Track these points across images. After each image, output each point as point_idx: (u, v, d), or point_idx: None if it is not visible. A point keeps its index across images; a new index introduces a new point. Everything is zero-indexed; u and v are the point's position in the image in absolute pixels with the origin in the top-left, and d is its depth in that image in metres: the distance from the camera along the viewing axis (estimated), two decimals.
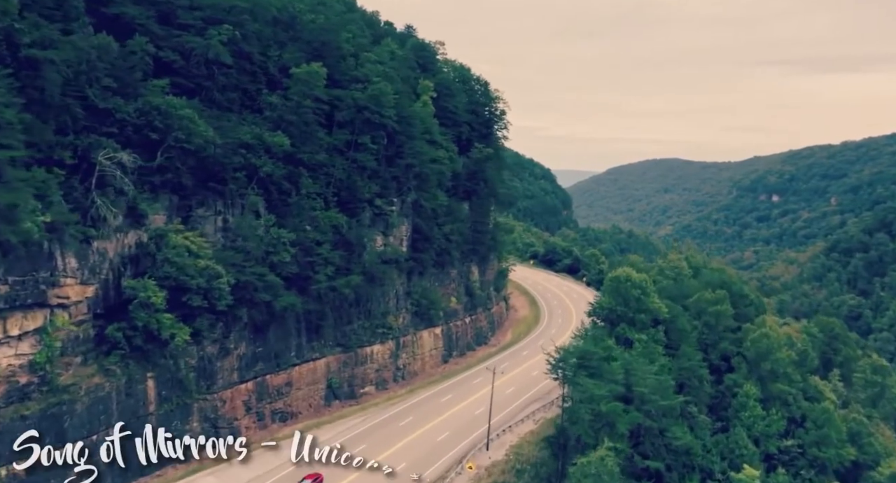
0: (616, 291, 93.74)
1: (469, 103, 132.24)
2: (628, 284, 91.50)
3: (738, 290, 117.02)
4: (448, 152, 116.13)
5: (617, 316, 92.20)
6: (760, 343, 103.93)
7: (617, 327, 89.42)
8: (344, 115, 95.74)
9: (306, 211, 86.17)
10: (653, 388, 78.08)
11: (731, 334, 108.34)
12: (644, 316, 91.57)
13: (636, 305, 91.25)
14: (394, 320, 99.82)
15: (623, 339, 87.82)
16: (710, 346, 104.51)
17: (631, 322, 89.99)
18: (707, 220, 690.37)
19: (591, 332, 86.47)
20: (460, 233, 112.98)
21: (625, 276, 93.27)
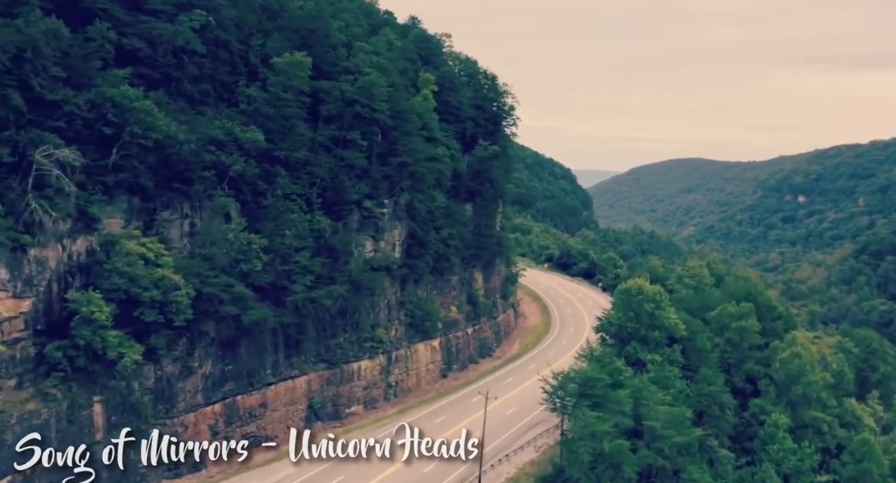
0: (626, 305, 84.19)
1: (475, 98, 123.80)
2: (640, 298, 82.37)
3: (764, 301, 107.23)
4: (449, 150, 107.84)
5: (627, 333, 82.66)
6: (791, 364, 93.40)
7: (627, 346, 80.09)
8: (330, 108, 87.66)
9: (283, 214, 78.06)
10: (666, 420, 68.59)
11: (757, 352, 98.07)
12: (658, 333, 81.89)
13: (649, 321, 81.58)
14: (384, 333, 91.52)
15: (634, 360, 78.54)
16: (734, 366, 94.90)
17: (643, 340, 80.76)
18: (731, 220, 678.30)
19: (597, 353, 77.09)
20: (461, 237, 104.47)
21: (636, 289, 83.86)
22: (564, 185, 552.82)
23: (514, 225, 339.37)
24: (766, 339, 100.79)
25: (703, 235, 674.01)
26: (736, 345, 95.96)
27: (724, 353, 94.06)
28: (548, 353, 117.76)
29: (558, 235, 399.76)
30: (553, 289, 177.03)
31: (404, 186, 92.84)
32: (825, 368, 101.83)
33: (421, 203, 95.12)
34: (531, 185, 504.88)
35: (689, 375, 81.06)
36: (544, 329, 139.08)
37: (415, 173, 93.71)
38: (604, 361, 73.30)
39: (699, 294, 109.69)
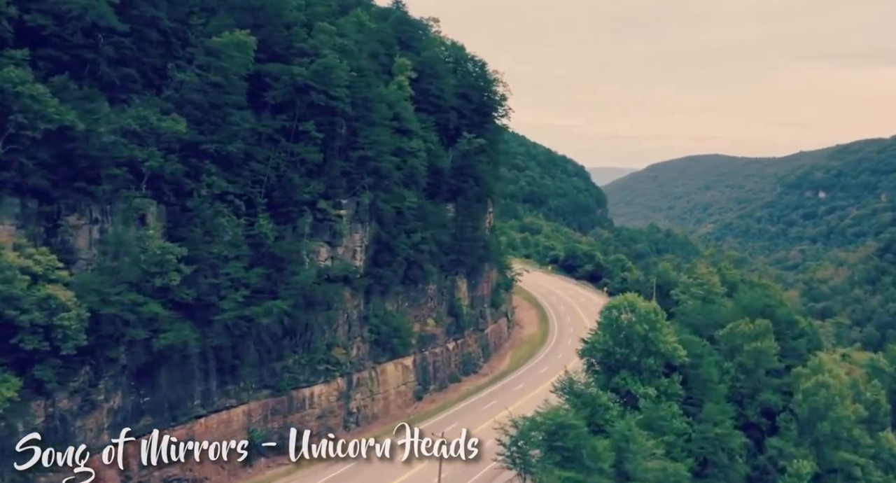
0: (614, 327, 70.33)
1: (460, 86, 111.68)
2: (631, 318, 69.04)
3: (784, 315, 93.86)
4: (426, 143, 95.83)
5: (616, 360, 68.79)
6: (816, 396, 78.84)
7: (616, 376, 67.53)
8: (276, 95, 76.04)
9: (212, 218, 66.37)
10: (658, 479, 55.77)
11: (775, 379, 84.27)
12: (653, 360, 67.65)
13: (642, 346, 67.40)
14: (343, 353, 79.73)
15: (624, 393, 65.88)
16: (747, 397, 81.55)
17: (635, 368, 67.20)
18: (750, 217, 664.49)
19: (578, 387, 63.90)
20: (438, 241, 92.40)
21: (626, 306, 71.61)
22: (578, 182, 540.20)
23: (524, 224, 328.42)
24: (787, 362, 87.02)
25: (721, 233, 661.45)
26: (750, 371, 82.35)
27: (735, 381, 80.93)
28: (540, 370, 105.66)
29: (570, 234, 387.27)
30: (555, 294, 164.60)
31: (366, 184, 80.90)
32: (857, 398, 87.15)
33: (387, 203, 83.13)
34: (543, 182, 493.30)
35: (692, 411, 67.94)
36: (541, 340, 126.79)
37: (378, 169, 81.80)
38: (585, 397, 60.68)
39: (707, 307, 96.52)
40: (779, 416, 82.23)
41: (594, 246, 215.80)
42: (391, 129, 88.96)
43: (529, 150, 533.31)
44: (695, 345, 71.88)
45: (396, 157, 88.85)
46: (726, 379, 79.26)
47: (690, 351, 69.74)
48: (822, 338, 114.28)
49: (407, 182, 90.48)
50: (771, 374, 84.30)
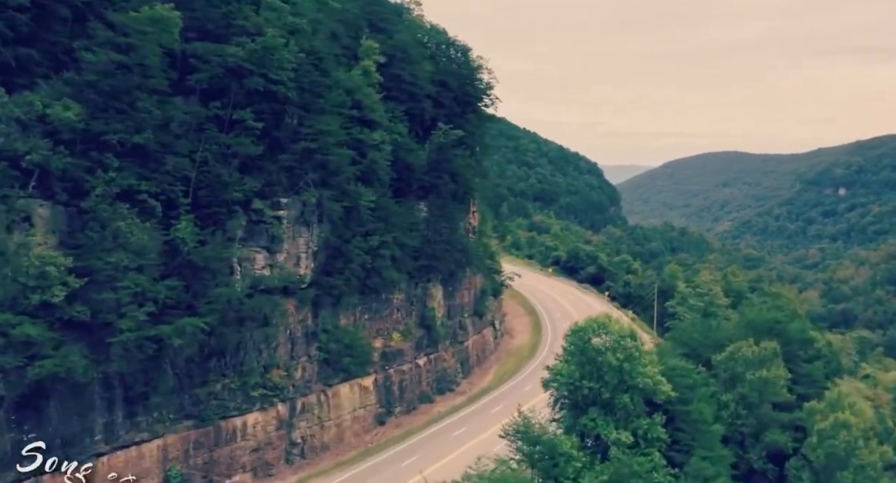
0: (583, 357, 55.39)
1: (437, 73, 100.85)
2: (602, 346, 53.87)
3: (797, 332, 79.89)
4: (392, 134, 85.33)
5: (583, 397, 54.92)
6: (835, 439, 64.22)
7: (584, 416, 55.74)
8: (202, 78, 65.77)
9: (111, 220, 56.12)
10: None
11: (784, 415, 70.07)
12: (630, 398, 53.60)
13: (616, 380, 53.92)
14: (283, 375, 69.29)
15: (594, 438, 54.10)
16: (750, 436, 68.23)
17: (608, 407, 53.73)
18: (768, 215, 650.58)
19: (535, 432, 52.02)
20: (401, 244, 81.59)
21: (594, 328, 56.77)
22: (590, 180, 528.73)
23: (532, 223, 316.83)
24: (800, 390, 73.26)
25: (738, 231, 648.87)
26: (753, 405, 68.27)
27: (734, 417, 67.75)
28: (524, 387, 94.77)
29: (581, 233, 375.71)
30: (552, 299, 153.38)
31: (310, 181, 70.32)
32: (885, 437, 72.24)
33: (337, 202, 72.55)
34: (554, 180, 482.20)
35: (679, 460, 55.64)
36: (530, 351, 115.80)
37: (325, 163, 71.30)
38: (543, 445, 49.21)
39: (706, 323, 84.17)
40: (789, 461, 68.30)
41: (598, 247, 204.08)
42: (349, 118, 78.53)
43: (541, 146, 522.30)
44: (685, 374, 59.09)
45: (354, 149, 78.66)
46: (724, 415, 66.37)
47: (679, 382, 56.34)
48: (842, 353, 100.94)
49: (367, 178, 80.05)
50: (779, 408, 70.32)
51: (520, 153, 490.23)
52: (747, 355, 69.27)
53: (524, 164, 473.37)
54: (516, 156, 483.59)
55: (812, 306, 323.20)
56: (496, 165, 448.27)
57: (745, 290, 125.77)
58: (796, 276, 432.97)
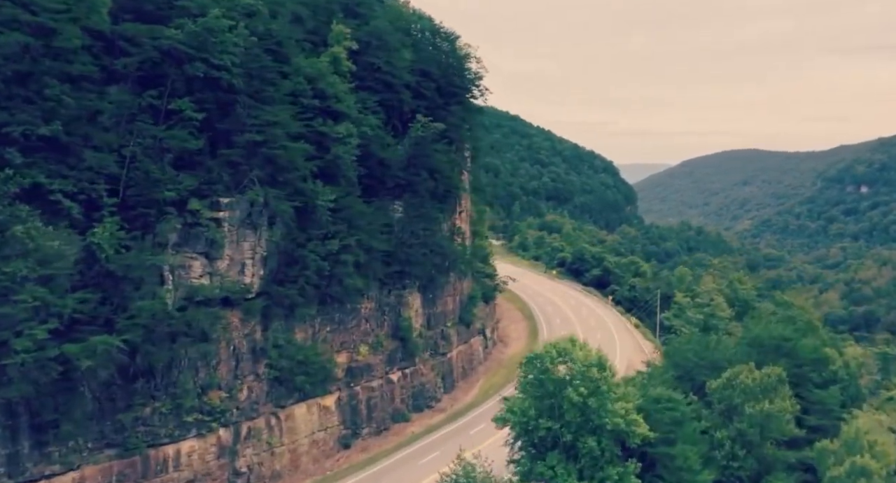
0: (540, 390, 46.23)
1: (418, 61, 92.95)
2: (563, 378, 44.90)
3: (809, 351, 69.25)
4: (361, 127, 77.50)
5: (541, 439, 45.40)
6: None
7: (543, 460, 45.34)
8: (129, 63, 58.28)
9: (8, 224, 48.70)
10: None
11: (791, 453, 59.60)
12: (596, 442, 44.13)
13: (580, 419, 44.08)
14: (224, 397, 61.55)
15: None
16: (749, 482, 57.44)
17: (570, 451, 44.18)
18: (789, 213, 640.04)
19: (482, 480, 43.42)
20: (366, 248, 73.51)
21: (553, 356, 46.84)
22: (605, 178, 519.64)
23: (544, 222, 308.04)
24: (812, 421, 62.74)
25: (758, 230, 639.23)
26: (753, 444, 57.13)
27: (730, 458, 56.20)
28: None
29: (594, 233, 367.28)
30: (553, 303, 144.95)
31: (254, 178, 62.53)
32: None
33: (288, 201, 64.70)
34: (568, 178, 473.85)
35: None
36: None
37: (273, 158, 63.50)
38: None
39: (704, 340, 72.25)
40: None
41: (605, 248, 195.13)
42: (308, 109, 70.95)
43: (555, 145, 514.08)
44: (672, 406, 49.62)
45: (316, 143, 71.12)
46: (718, 456, 55.59)
47: (662, 418, 46.79)
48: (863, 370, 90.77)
49: (329, 175, 72.31)
50: (784, 445, 59.69)
51: (533, 151, 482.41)
52: (747, 383, 58.76)
53: (537, 163, 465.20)
54: (529, 154, 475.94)
55: (832, 308, 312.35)
56: (508, 164, 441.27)
57: (753, 298, 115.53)
58: (817, 275, 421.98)
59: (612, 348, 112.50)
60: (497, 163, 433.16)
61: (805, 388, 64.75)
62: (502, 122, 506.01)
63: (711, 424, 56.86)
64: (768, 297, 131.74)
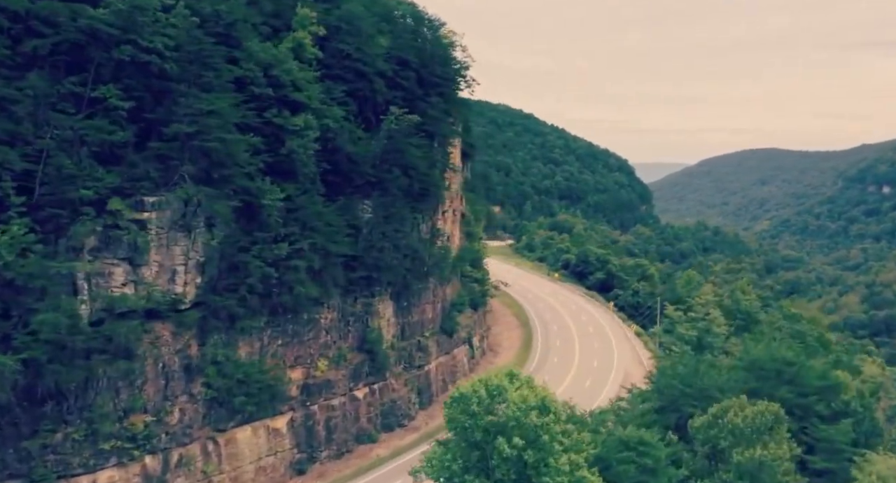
0: (466, 438, 37.98)
1: (395, 49, 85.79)
2: (493, 423, 36.66)
3: (817, 378, 59.50)
4: (323, 119, 70.46)
5: None
6: None
7: None
8: (38, 45, 51.59)
9: None
10: None
11: None
12: None
13: (515, 476, 35.73)
14: (149, 421, 54.59)
15: None
16: None
17: None
18: (808, 213, 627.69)
19: None
20: (324, 252, 66.38)
21: (483, 396, 37.99)
22: (620, 177, 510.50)
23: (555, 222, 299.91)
24: (817, 463, 52.30)
25: (777, 230, 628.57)
26: None
27: None
28: None
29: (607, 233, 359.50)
30: (553, 309, 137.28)
31: (185, 174, 55.55)
32: None
33: (226, 201, 57.69)
34: (582, 177, 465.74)
35: None
36: None
37: (208, 152, 56.44)
38: None
39: (693, 363, 62.40)
40: None
41: (610, 250, 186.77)
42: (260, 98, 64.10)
43: (569, 143, 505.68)
44: (645, 450, 41.45)
45: (271, 136, 64.41)
46: None
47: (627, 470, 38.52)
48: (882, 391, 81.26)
49: (283, 171, 65.39)
50: None
51: (546, 150, 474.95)
52: (736, 423, 49.22)
53: (550, 162, 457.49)
54: (542, 153, 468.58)
55: (852, 312, 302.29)
56: (520, 162, 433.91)
57: (757, 310, 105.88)
58: (836, 277, 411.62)
59: (608, 359, 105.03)
60: (508, 161, 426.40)
61: (810, 421, 55.54)
62: (515, 120, 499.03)
63: (692, 472, 48.29)
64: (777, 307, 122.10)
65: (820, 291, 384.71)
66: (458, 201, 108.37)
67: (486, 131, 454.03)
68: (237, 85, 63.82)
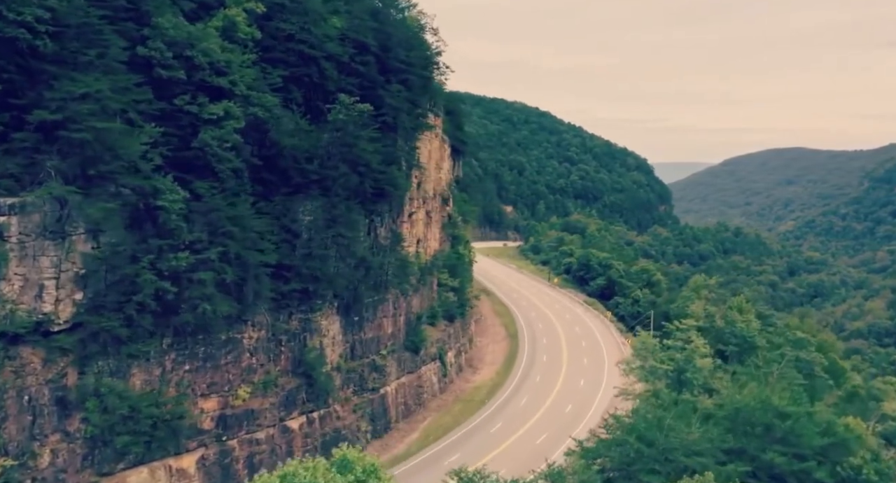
0: None
1: (352, 30, 76.37)
2: None
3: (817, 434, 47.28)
4: (251, 107, 61.01)
5: None
6: None
7: None
8: None
9: None
10: None
11: None
12: None
13: None
14: (9, 465, 45.24)
15: None
16: None
17: None
18: (834, 214, 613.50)
19: None
20: (241, 262, 56.72)
21: None
22: (638, 176, 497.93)
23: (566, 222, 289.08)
24: None
25: (801, 231, 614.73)
26: None
27: None
28: (450, 456, 69.39)
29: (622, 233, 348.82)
30: (546, 318, 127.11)
31: (51, 170, 46.18)
32: None
33: (112, 202, 48.29)
34: (598, 177, 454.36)
35: None
36: (489, 393, 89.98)
37: (81, 144, 46.97)
38: None
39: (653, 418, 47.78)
40: None
41: (613, 254, 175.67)
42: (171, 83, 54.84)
43: (585, 141, 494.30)
44: None
45: (189, 127, 55.29)
46: None
47: None
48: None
49: (198, 167, 56.02)
50: None
51: (562, 148, 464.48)
52: None
53: (566, 160, 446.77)
54: (558, 151, 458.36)
55: (877, 318, 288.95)
56: (535, 161, 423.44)
57: (755, 333, 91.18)
58: (862, 280, 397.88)
59: (597, 378, 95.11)
60: (522, 160, 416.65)
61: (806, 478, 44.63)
62: (530, 118, 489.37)
63: None
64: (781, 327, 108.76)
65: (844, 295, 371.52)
66: (434, 202, 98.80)
67: (500, 129, 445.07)
68: (145, 67, 54.86)
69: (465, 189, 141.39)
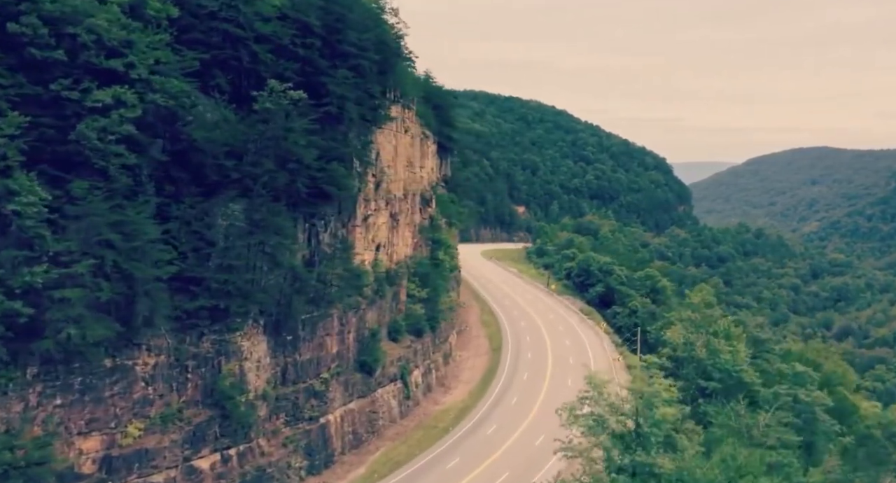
0: None
1: (294, 8, 67.25)
2: None
3: None
4: (152, 94, 52.00)
5: None
6: None
7: None
8: None
9: None
10: None
11: None
12: None
13: None
14: None
15: None
16: None
17: None
18: (860, 215, 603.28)
19: None
20: (125, 276, 47.58)
21: None
22: (656, 176, 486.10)
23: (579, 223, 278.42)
24: None
25: (826, 232, 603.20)
26: None
27: None
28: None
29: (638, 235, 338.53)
30: (537, 329, 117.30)
31: None
32: None
33: None
34: (615, 176, 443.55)
35: None
36: (456, 418, 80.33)
37: None
38: None
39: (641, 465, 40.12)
40: None
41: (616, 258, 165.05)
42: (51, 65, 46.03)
43: (602, 140, 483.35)
44: None
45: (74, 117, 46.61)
46: None
47: None
48: None
49: (77, 164, 47.16)
50: None
51: (578, 147, 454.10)
52: None
53: (582, 160, 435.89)
54: (573, 150, 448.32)
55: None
56: (549, 160, 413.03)
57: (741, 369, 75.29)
58: (888, 283, 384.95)
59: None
60: (536, 159, 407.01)
61: None
62: (546, 117, 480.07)
63: None
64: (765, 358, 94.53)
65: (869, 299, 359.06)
66: (406, 203, 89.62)
67: (514, 128, 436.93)
68: (15, 47, 46.22)
69: (455, 189, 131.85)
